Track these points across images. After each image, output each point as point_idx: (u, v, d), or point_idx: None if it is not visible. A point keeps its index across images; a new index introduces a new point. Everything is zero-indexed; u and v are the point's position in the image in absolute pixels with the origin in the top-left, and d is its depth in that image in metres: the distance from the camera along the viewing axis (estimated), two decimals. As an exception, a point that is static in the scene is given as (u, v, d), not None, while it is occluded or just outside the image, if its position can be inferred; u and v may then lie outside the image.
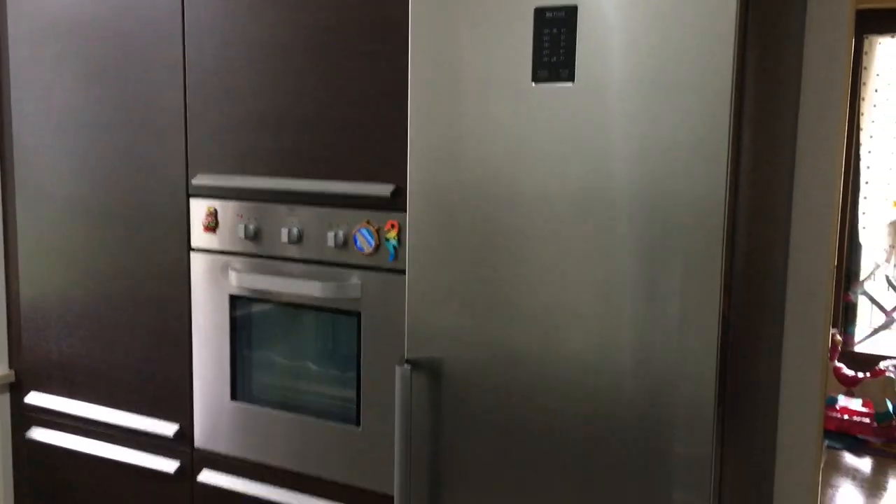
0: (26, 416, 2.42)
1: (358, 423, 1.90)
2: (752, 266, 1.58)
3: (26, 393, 2.41)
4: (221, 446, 2.09)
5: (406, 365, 1.70)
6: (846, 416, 4.72)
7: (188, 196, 2.07)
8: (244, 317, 2.03)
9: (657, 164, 1.46)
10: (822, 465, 1.92)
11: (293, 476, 2.00)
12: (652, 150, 1.46)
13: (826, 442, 4.68)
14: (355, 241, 1.85)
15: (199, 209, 2.05)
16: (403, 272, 1.80)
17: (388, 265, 1.83)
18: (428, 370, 1.71)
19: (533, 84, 1.54)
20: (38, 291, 2.34)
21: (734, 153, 1.43)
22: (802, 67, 1.87)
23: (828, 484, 4.23)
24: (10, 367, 2.46)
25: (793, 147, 1.86)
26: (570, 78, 1.50)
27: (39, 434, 2.37)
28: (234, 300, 2.03)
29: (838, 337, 5.03)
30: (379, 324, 1.85)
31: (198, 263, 2.07)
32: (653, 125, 1.45)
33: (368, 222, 1.84)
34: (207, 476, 2.10)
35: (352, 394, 1.91)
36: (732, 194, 1.45)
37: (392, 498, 1.86)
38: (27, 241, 2.35)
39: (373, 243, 1.83)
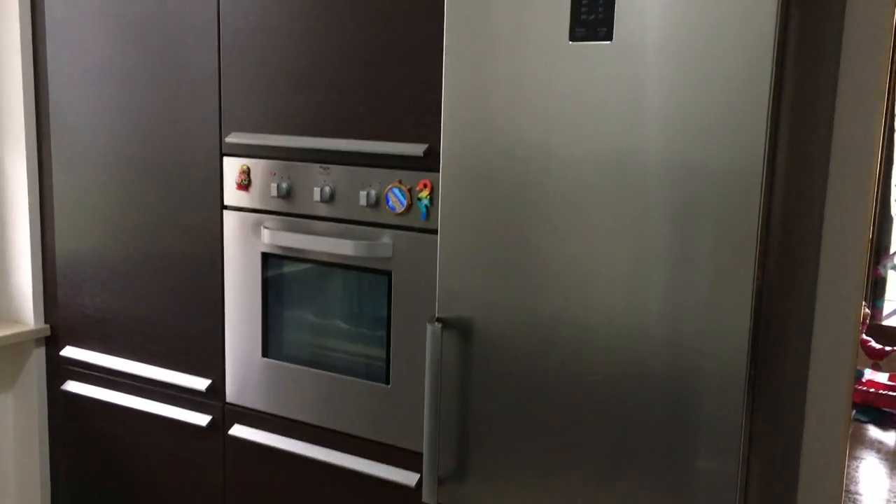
0: (62, 370, 2.47)
1: (387, 381, 1.92)
2: (788, 234, 1.57)
3: (62, 347, 2.46)
4: (252, 401, 2.13)
5: (437, 323, 1.71)
6: (872, 390, 4.69)
7: (221, 154, 2.08)
8: (276, 275, 2.06)
9: (694, 128, 1.45)
10: (849, 438, 1.92)
11: (322, 432, 2.03)
12: (689, 112, 1.45)
13: (851, 415, 4.66)
14: (387, 201, 1.86)
15: (232, 167, 2.07)
16: (435, 232, 1.80)
17: (419, 224, 1.83)
18: (458, 329, 1.73)
19: (570, 43, 1.53)
20: (74, 248, 2.38)
21: (773, 118, 1.42)
22: (843, 35, 1.83)
23: (852, 456, 4.22)
24: (46, 321, 2.51)
25: (831, 115, 1.83)
26: (609, 37, 1.49)
27: (74, 387, 2.42)
28: (266, 258, 2.05)
29: (866, 310, 4.99)
30: (409, 283, 1.86)
31: (230, 221, 2.09)
32: (691, 87, 1.44)
33: (400, 182, 1.84)
34: (239, 430, 2.14)
35: (381, 352, 1.93)
36: (770, 160, 1.43)
37: (420, 454, 1.89)
38: (63, 198, 2.38)
39: (404, 203, 1.84)
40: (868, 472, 4.09)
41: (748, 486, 1.55)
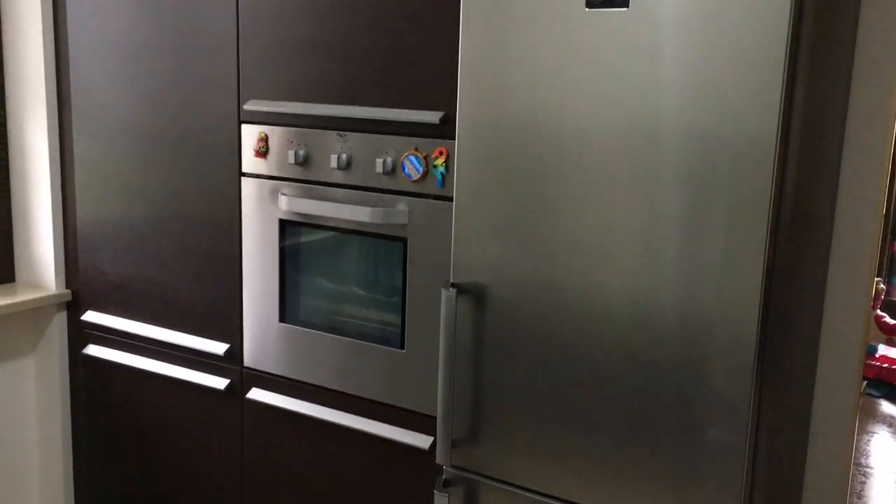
0: (83, 334, 2.51)
1: (402, 346, 1.95)
2: (800, 209, 1.57)
3: (83, 311, 2.50)
4: (270, 366, 2.16)
5: (451, 288, 1.73)
6: (885, 365, 4.70)
7: (240, 122, 2.11)
8: (293, 241, 2.08)
9: (708, 98, 1.45)
10: (858, 412, 1.93)
11: (338, 395, 2.07)
12: (704, 82, 1.45)
13: (865, 390, 4.67)
14: (403, 168, 1.88)
15: (250, 135, 2.09)
16: (450, 199, 1.82)
17: (435, 192, 1.85)
18: (473, 295, 1.75)
19: (586, 9, 1.53)
20: (94, 214, 2.42)
21: (788, 90, 1.42)
22: (860, 6, 1.83)
23: (864, 430, 4.24)
24: (67, 286, 2.55)
25: (847, 87, 1.83)
26: (625, 3, 1.49)
27: (95, 350, 2.47)
28: (284, 225, 2.08)
29: (882, 286, 4.98)
30: (425, 250, 1.89)
31: (248, 188, 2.11)
32: (707, 54, 1.44)
33: (416, 149, 1.86)
34: (256, 394, 2.18)
35: (396, 318, 1.96)
36: (784, 134, 1.44)
37: (434, 418, 1.92)
38: (83, 165, 2.41)
39: (420, 170, 1.86)
40: (880, 446, 4.11)
41: (756, 456, 1.56)
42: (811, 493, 1.94)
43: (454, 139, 1.76)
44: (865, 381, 4.66)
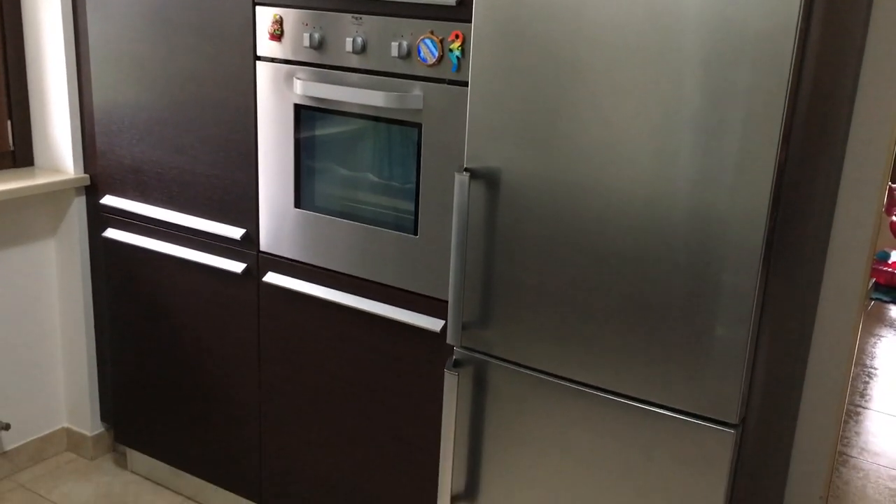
0: (102, 217, 2.55)
1: (415, 232, 1.98)
2: (816, 108, 1.55)
3: (101, 195, 2.53)
4: (285, 250, 2.20)
5: (465, 173, 1.74)
6: (898, 271, 4.71)
7: (254, 3, 2.08)
8: (308, 126, 2.09)
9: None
10: (863, 315, 1.94)
11: (352, 280, 2.11)
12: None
13: (875, 294, 4.70)
14: (419, 52, 1.86)
15: (265, 17, 2.06)
16: (465, 84, 1.81)
17: (450, 76, 1.84)
18: (486, 180, 1.76)
19: None
20: (110, 98, 2.42)
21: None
22: None
23: (872, 333, 4.29)
24: (86, 171, 2.58)
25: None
26: None
27: (114, 234, 2.51)
28: (299, 110, 2.08)
29: (900, 193, 4.93)
30: (439, 136, 1.89)
31: (263, 72, 2.10)
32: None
33: (432, 32, 1.84)
34: (272, 277, 2.22)
35: (410, 204, 1.98)
36: (803, 33, 1.41)
37: (445, 303, 1.96)
38: (98, 49, 2.40)
39: (436, 54, 1.84)
40: (886, 349, 4.17)
41: (758, 349, 1.59)
42: (812, 386, 1.98)
43: (470, 22, 1.73)
44: (873, 281, 4.68)
